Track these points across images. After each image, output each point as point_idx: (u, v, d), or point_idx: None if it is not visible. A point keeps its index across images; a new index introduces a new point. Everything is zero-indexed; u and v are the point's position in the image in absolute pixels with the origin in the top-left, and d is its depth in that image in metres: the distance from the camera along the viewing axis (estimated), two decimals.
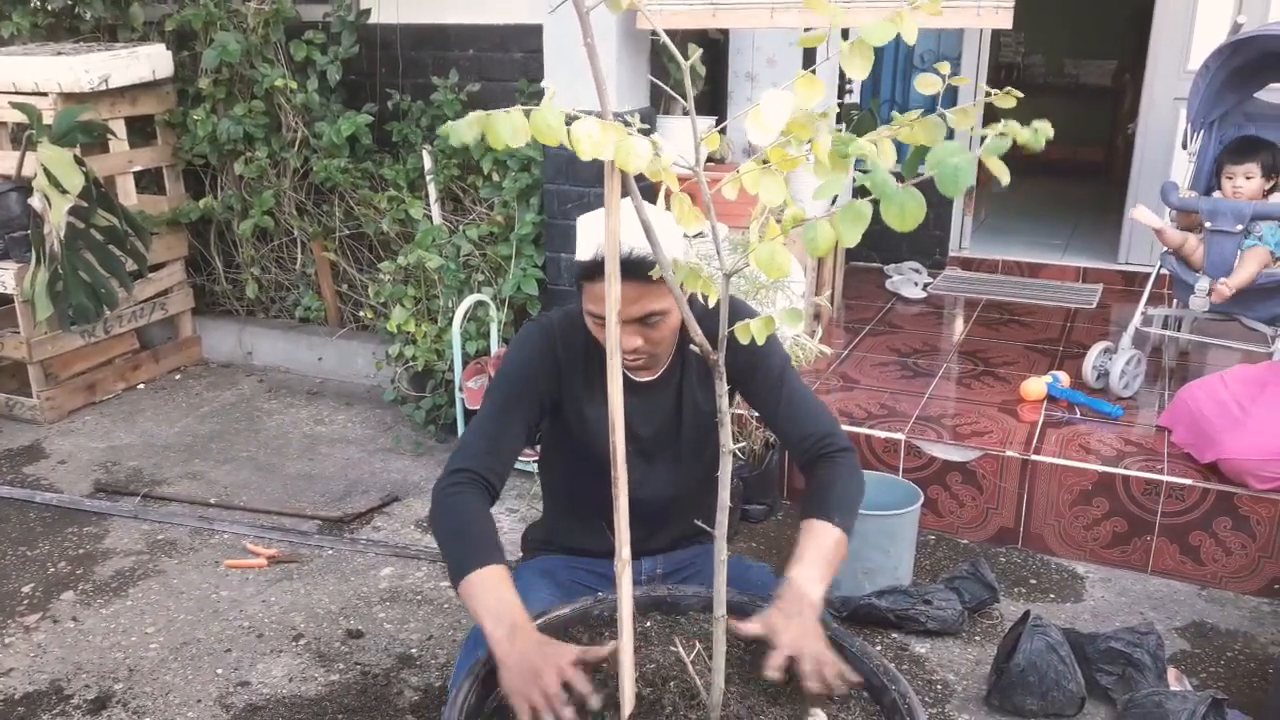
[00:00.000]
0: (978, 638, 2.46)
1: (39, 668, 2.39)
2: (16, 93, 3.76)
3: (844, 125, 4.25)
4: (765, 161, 1.16)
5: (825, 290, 3.89)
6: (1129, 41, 6.47)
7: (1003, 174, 0.88)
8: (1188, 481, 2.65)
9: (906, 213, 0.88)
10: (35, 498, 3.21)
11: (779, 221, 1.16)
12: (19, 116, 3.62)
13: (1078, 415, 3.07)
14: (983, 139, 0.97)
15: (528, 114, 1.12)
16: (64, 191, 3.47)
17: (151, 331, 4.29)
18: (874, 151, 0.97)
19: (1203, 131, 3.31)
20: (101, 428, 3.78)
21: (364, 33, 3.90)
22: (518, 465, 3.24)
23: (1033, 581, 2.71)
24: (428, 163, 3.76)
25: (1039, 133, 0.87)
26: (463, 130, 1.13)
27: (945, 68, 1.04)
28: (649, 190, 2.05)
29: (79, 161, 3.52)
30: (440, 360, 3.48)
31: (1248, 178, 3.12)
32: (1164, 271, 3.28)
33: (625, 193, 1.29)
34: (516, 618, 1.52)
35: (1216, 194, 3.23)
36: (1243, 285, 2.99)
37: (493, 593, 1.57)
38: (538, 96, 3.67)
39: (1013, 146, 1.00)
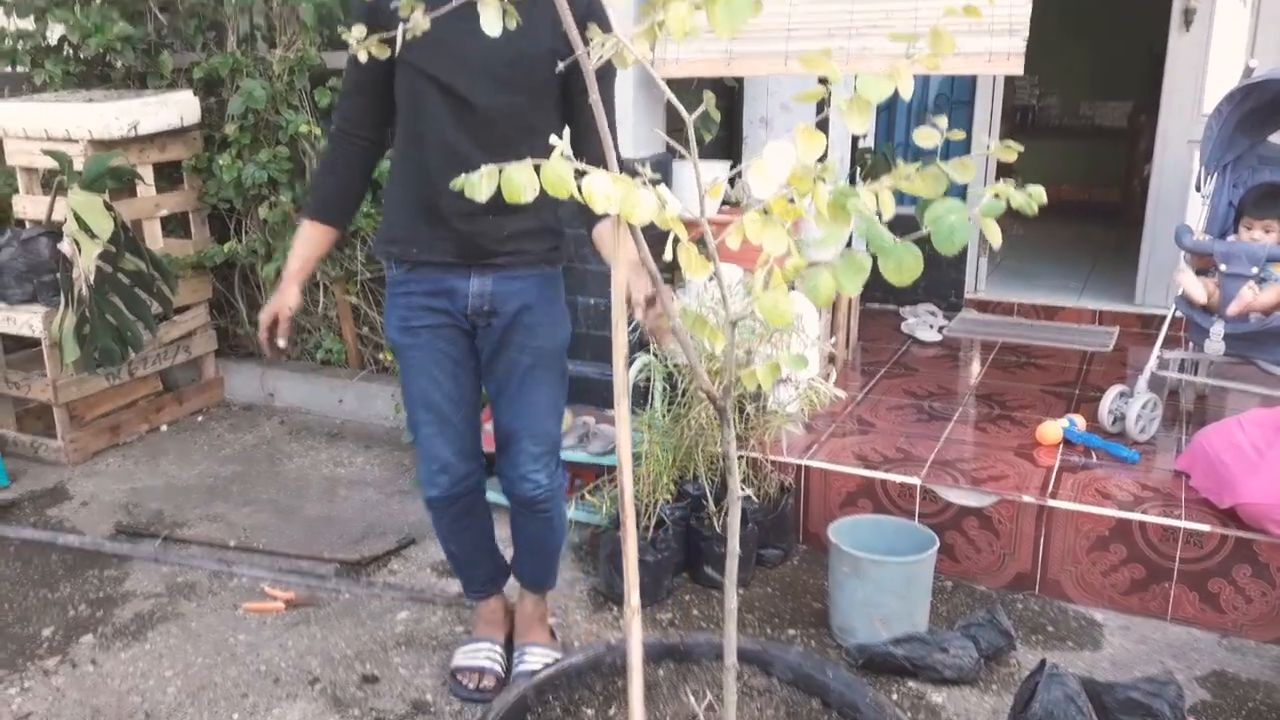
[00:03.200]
0: (995, 686, 2.44)
1: (56, 712, 2.41)
2: (49, 139, 3.86)
3: (858, 169, 4.29)
4: (768, 211, 1.19)
5: (839, 332, 3.90)
6: (1144, 83, 6.50)
7: (995, 237, 0.90)
8: (1206, 528, 2.63)
9: (904, 268, 0.90)
10: (58, 540, 3.25)
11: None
12: (50, 163, 3.71)
13: (1094, 460, 3.06)
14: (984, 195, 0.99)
15: (538, 169, 1.15)
16: (93, 236, 3.54)
17: (175, 373, 4.35)
18: (872, 205, 0.99)
19: (1216, 175, 3.32)
20: (124, 469, 3.82)
21: None
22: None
23: (1050, 629, 2.69)
24: None
25: (1033, 197, 0.89)
26: (479, 185, 1.17)
27: (943, 121, 1.06)
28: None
29: (108, 207, 3.59)
30: None
31: (1266, 231, 3.14)
32: (1179, 314, 3.28)
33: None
34: (291, 267, 2.31)
35: (1231, 238, 3.23)
36: (1268, 306, 2.99)
37: (303, 242, 2.30)
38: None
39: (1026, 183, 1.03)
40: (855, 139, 4.40)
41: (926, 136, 1.01)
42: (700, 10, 1.10)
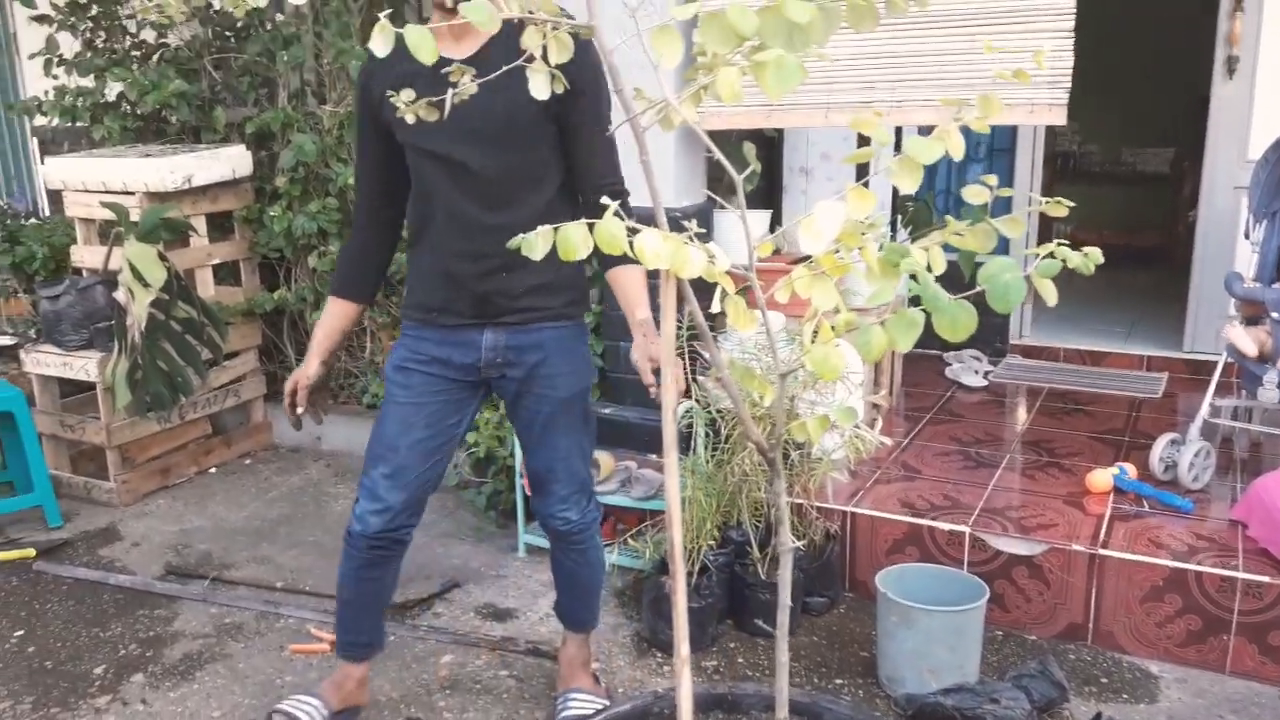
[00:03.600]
0: None
1: None
2: (106, 192, 3.98)
3: (899, 217, 4.29)
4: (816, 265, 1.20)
5: (884, 378, 3.89)
6: (1187, 129, 6.46)
7: (1051, 296, 0.91)
8: (1265, 579, 2.57)
9: (958, 324, 0.91)
10: (109, 579, 3.30)
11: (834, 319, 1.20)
12: (108, 214, 3.82)
13: (1146, 508, 3.01)
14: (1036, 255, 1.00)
15: (592, 227, 1.18)
16: (146, 285, 3.64)
17: (224, 417, 4.42)
18: (924, 261, 1.01)
19: (1265, 222, 3.28)
20: (174, 511, 3.88)
21: None
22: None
23: (1104, 680, 2.64)
24: None
25: (1089, 257, 0.90)
26: (536, 244, 1.20)
27: (993, 179, 1.08)
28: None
29: (162, 257, 3.69)
30: (501, 446, 3.53)
31: None
32: (1230, 360, 3.24)
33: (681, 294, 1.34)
34: (314, 341, 2.39)
35: (1278, 285, 3.19)
36: None
37: (328, 317, 2.39)
38: None
39: (1070, 232, 1.04)
40: (895, 188, 4.41)
41: (976, 194, 1.02)
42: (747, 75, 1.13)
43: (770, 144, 4.12)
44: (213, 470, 4.27)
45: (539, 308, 2.24)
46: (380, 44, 1.15)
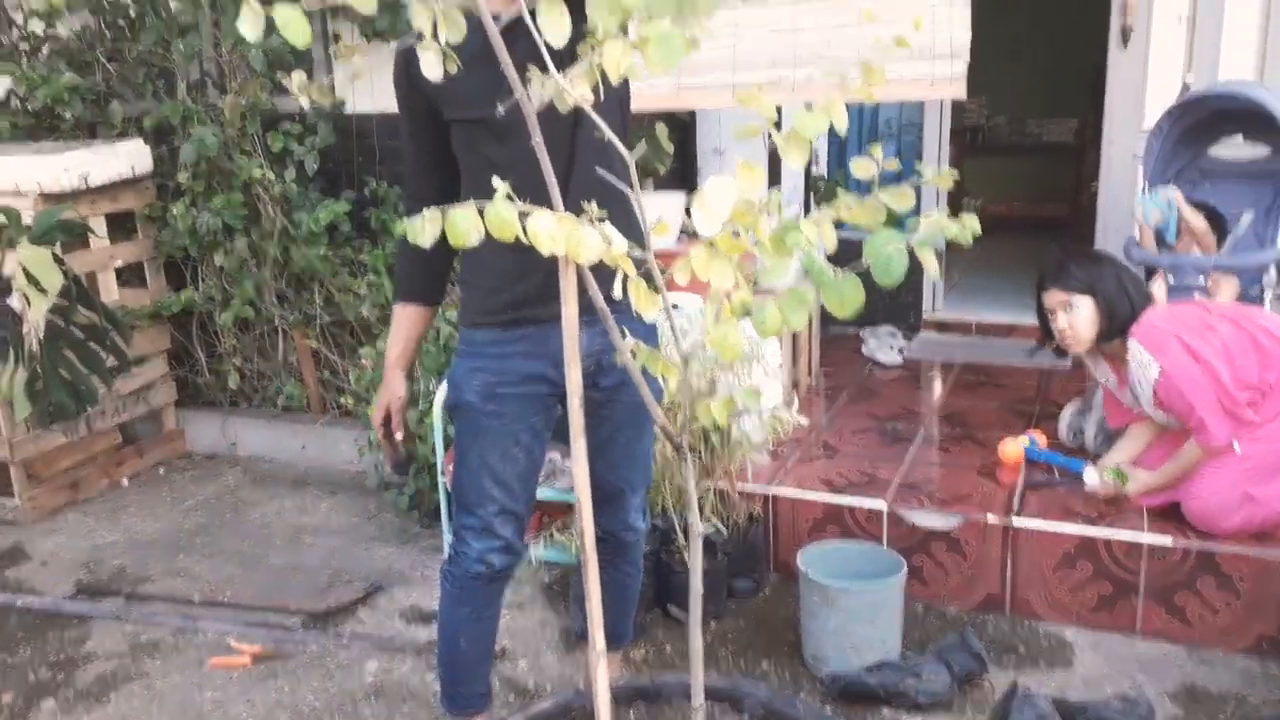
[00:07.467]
0: (969, 710, 2.44)
1: None
2: None
3: (811, 195, 4.33)
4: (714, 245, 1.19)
5: (801, 358, 3.92)
6: (1087, 98, 6.62)
7: (931, 267, 0.91)
8: (1168, 540, 2.65)
9: (845, 300, 0.90)
10: (16, 602, 3.17)
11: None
12: None
13: (1056, 476, 3.07)
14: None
15: (482, 211, 1.15)
16: (43, 291, 3.48)
17: (135, 426, 4.28)
18: (813, 237, 1.00)
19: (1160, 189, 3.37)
20: (84, 526, 3.74)
21: (340, 122, 3.97)
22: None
23: (1021, 649, 2.69)
24: None
25: (966, 227, 0.90)
26: (421, 229, 1.16)
27: (878, 151, 1.07)
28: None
29: (58, 260, 3.53)
30: (423, 444, 3.47)
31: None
32: None
33: (581, 280, 1.31)
34: (390, 355, 2.14)
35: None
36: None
37: (400, 327, 2.14)
38: None
39: (982, 204, 1.04)
40: (808, 167, 4.44)
41: (863, 168, 1.02)
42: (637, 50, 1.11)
43: (685, 126, 4.11)
44: (125, 481, 4.12)
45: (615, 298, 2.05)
46: (250, 26, 1.10)
